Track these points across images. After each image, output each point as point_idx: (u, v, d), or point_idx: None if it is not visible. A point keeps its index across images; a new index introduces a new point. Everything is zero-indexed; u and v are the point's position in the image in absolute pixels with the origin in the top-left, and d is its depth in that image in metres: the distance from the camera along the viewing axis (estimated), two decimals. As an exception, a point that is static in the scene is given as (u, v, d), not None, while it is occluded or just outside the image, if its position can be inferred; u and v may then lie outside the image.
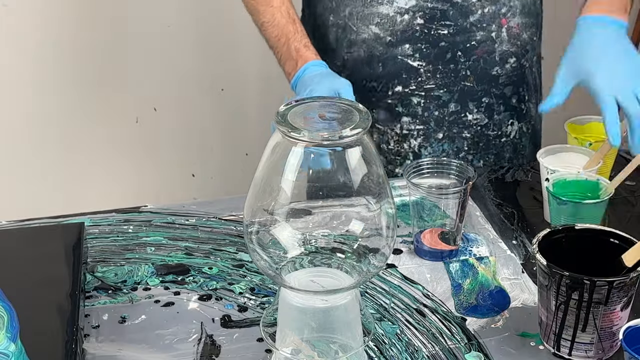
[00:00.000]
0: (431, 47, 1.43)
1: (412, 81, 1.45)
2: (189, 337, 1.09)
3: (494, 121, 1.49)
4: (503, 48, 1.45)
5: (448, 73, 1.45)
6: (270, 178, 0.91)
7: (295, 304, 0.92)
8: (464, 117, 1.48)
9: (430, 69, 1.44)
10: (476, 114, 1.48)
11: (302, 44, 1.36)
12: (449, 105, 1.47)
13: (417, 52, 1.43)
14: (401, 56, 1.44)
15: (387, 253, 0.93)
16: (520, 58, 1.48)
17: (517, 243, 1.28)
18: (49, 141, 2.39)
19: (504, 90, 1.48)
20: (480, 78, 1.46)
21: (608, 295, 0.97)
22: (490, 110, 1.49)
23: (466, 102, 1.47)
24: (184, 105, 2.48)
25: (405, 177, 1.22)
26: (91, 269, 1.23)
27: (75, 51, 2.30)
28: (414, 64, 1.44)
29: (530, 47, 1.49)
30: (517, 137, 1.53)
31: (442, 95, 1.46)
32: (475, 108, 1.48)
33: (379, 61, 1.45)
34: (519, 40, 1.46)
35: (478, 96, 1.47)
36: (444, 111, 1.47)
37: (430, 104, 1.46)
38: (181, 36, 2.38)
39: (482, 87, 1.46)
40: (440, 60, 1.44)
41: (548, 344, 1.05)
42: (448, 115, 1.47)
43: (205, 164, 2.58)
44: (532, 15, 1.47)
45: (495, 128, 1.50)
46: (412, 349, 1.06)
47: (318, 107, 0.93)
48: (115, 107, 2.41)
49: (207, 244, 1.29)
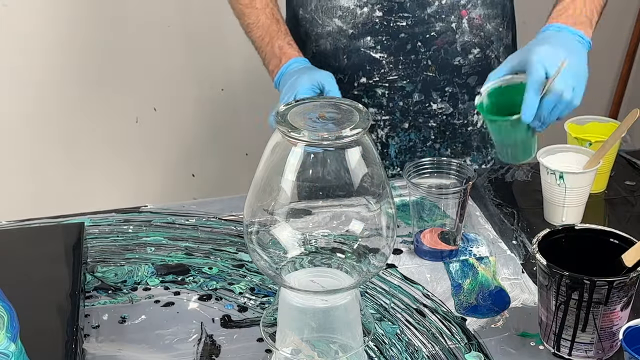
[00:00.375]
0: (391, 39, 1.45)
1: (375, 73, 1.47)
2: (189, 337, 1.09)
3: (459, 110, 1.51)
4: (465, 39, 1.46)
5: (410, 64, 1.46)
6: (270, 178, 0.91)
7: (295, 304, 0.92)
8: (429, 107, 1.50)
9: (392, 60, 1.46)
10: (440, 104, 1.50)
11: (286, 42, 1.41)
12: (413, 95, 1.48)
13: (379, 44, 1.45)
14: (364, 48, 1.46)
15: (387, 253, 0.93)
16: (485, 49, 1.48)
17: (517, 243, 1.28)
18: (49, 141, 2.39)
19: (467, 80, 1.49)
20: (442, 68, 1.47)
21: (608, 295, 0.97)
22: (455, 100, 1.50)
23: (429, 92, 1.49)
24: (184, 105, 2.48)
25: (405, 177, 1.22)
26: (91, 269, 1.23)
27: (75, 51, 2.31)
28: (376, 55, 1.46)
29: (495, 37, 1.49)
30: (484, 126, 1.53)
31: (405, 86, 1.48)
32: (439, 97, 1.49)
33: (344, 53, 1.48)
34: (482, 32, 1.47)
35: (441, 86, 1.48)
36: (409, 101, 1.49)
37: (395, 95, 1.49)
38: (181, 36, 2.38)
39: (444, 76, 1.48)
40: (401, 51, 1.46)
41: (548, 344, 1.05)
42: (412, 105, 1.50)
43: (205, 164, 2.58)
44: (496, 6, 1.47)
45: (460, 117, 1.52)
46: (412, 349, 1.06)
47: (318, 107, 0.93)
48: (115, 107, 2.41)
49: (207, 244, 1.29)
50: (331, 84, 1.29)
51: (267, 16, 1.43)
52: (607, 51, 2.80)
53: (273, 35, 1.41)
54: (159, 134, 2.49)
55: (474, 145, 1.54)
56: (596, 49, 2.57)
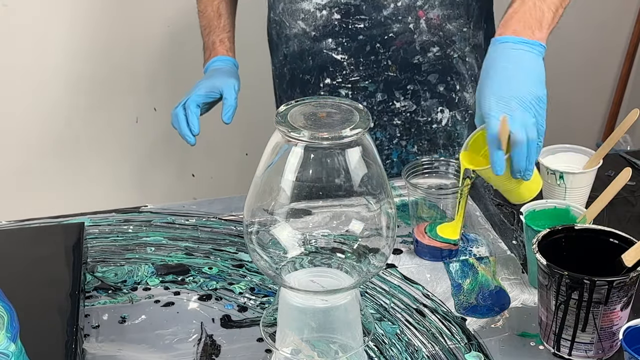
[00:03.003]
0: (351, 41, 1.46)
1: (337, 74, 1.49)
2: (189, 337, 1.09)
3: (422, 107, 1.51)
4: (423, 38, 1.45)
5: (370, 64, 1.47)
6: (270, 178, 0.91)
7: (295, 304, 0.92)
8: (392, 106, 1.51)
9: (352, 61, 1.47)
10: (403, 102, 1.50)
11: (219, 38, 1.54)
12: (376, 95, 1.49)
13: (339, 46, 1.47)
14: (326, 50, 1.48)
15: (387, 253, 0.93)
16: (445, 48, 1.47)
17: (517, 243, 1.28)
18: (48, 141, 2.39)
19: (428, 77, 1.49)
20: (402, 67, 1.47)
21: (608, 295, 0.97)
22: (417, 97, 1.50)
23: (392, 91, 1.49)
24: (184, 105, 2.48)
25: (404, 177, 1.23)
26: (91, 269, 1.23)
27: (75, 51, 2.31)
28: (338, 57, 1.47)
29: (458, 37, 1.48)
30: (449, 124, 1.53)
31: (368, 86, 1.49)
32: (401, 96, 1.50)
33: (309, 55, 1.50)
34: (441, 31, 1.46)
35: (403, 84, 1.49)
36: (372, 101, 1.50)
37: (358, 95, 1.50)
38: (181, 36, 2.38)
39: (405, 75, 1.48)
40: (361, 52, 1.46)
41: (548, 344, 1.05)
42: (376, 104, 1.50)
43: (205, 164, 2.58)
44: (458, 7, 1.46)
45: (424, 114, 1.52)
46: (412, 349, 1.06)
47: (318, 107, 0.93)
48: (115, 107, 2.41)
49: (207, 244, 1.29)
50: (229, 93, 1.43)
51: (212, 9, 1.56)
52: (607, 51, 2.80)
53: (212, 29, 1.55)
54: (159, 134, 2.49)
55: (440, 142, 1.54)
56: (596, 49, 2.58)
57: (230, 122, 1.45)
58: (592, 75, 2.84)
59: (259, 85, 2.24)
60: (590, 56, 2.77)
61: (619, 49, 2.82)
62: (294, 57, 1.52)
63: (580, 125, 2.88)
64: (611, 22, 2.76)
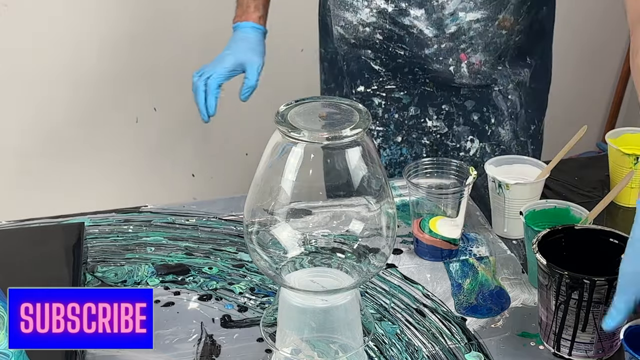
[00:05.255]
0: (390, 60, 1.45)
1: (373, 81, 1.48)
2: (189, 337, 1.09)
3: (453, 132, 1.49)
4: (463, 81, 1.44)
5: (407, 80, 1.46)
6: (270, 178, 0.91)
7: (295, 304, 0.92)
8: (424, 123, 1.49)
9: (390, 74, 1.47)
10: (436, 121, 1.48)
11: (254, 3, 1.50)
12: (409, 108, 1.48)
13: (378, 59, 1.46)
14: (364, 57, 1.46)
15: (387, 253, 0.93)
16: (490, 83, 1.45)
17: (517, 243, 1.28)
18: (48, 141, 2.39)
19: (464, 103, 1.47)
20: (440, 86, 1.46)
21: (608, 295, 0.97)
22: (450, 120, 1.48)
23: (426, 107, 1.47)
24: (184, 105, 2.48)
25: (405, 177, 1.22)
26: (91, 269, 1.23)
27: (75, 51, 2.31)
28: (375, 67, 1.46)
29: (498, 74, 1.44)
30: (477, 155, 1.50)
31: (402, 98, 1.47)
32: (435, 114, 1.48)
33: (344, 60, 1.49)
34: (479, 74, 1.44)
35: (438, 102, 1.47)
36: (404, 114, 1.48)
37: (391, 106, 1.48)
38: (181, 36, 2.38)
39: (442, 93, 1.46)
40: (399, 71, 1.46)
41: (548, 344, 1.05)
42: (408, 119, 1.49)
43: (205, 164, 2.58)
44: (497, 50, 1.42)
45: (454, 139, 1.49)
46: (412, 349, 1.06)
47: (318, 107, 0.93)
48: (115, 107, 2.41)
49: (207, 244, 1.29)
50: (252, 73, 1.43)
51: None
52: (607, 51, 2.80)
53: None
54: (159, 134, 2.49)
55: None
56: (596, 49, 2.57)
57: (246, 100, 1.44)
58: (592, 75, 2.84)
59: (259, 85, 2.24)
60: (590, 56, 2.78)
61: (619, 49, 2.82)
62: (333, 55, 1.51)
63: (580, 125, 2.88)
64: (611, 22, 2.76)
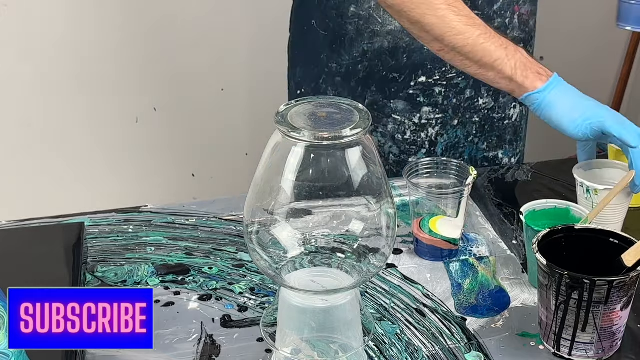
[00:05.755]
0: None
1: (436, 71, 1.48)
2: (189, 337, 1.09)
3: (499, 104, 1.52)
4: (514, 34, 1.47)
5: None
6: (270, 178, 0.91)
7: (295, 304, 0.92)
8: (477, 102, 1.51)
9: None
10: (486, 98, 1.51)
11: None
12: (465, 91, 1.50)
13: None
14: (427, 47, 1.41)
15: (387, 253, 0.93)
16: (527, 44, 1.50)
17: (517, 243, 1.28)
18: (48, 141, 2.39)
19: None
20: None
21: (608, 295, 0.97)
22: (497, 93, 1.52)
23: (479, 87, 1.50)
24: (184, 105, 2.48)
25: (405, 177, 1.22)
26: (91, 269, 1.23)
27: (75, 51, 2.31)
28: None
29: (534, 34, 1.52)
30: (517, 120, 1.56)
31: (460, 83, 1.49)
32: (486, 92, 1.51)
33: (404, 52, 1.48)
34: (527, 27, 1.49)
35: None
36: (461, 98, 1.51)
37: (450, 92, 1.50)
38: (181, 36, 2.38)
39: None
40: None
41: (548, 344, 1.05)
42: (464, 101, 1.51)
43: (205, 164, 2.58)
44: (536, 3, 1.50)
45: (500, 111, 1.53)
46: (412, 349, 1.06)
47: (318, 107, 0.93)
48: (115, 107, 2.41)
49: (207, 244, 1.29)
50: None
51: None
52: (607, 51, 2.80)
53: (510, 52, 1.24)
54: (159, 134, 2.49)
55: (507, 138, 1.56)
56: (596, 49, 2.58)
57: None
58: (592, 75, 2.84)
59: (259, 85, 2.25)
60: (590, 56, 2.77)
61: (619, 49, 2.82)
62: (379, 53, 1.48)
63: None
64: (611, 22, 2.76)
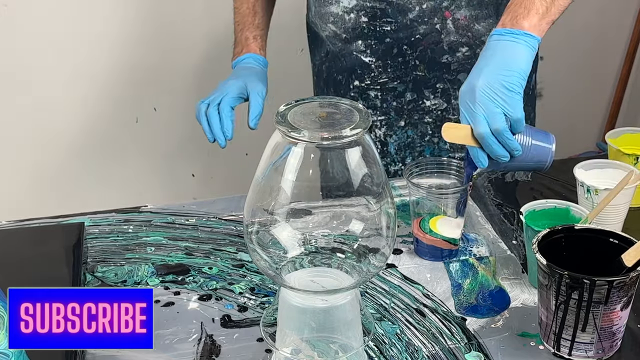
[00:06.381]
0: (379, 43, 1.47)
1: (366, 76, 1.50)
2: (189, 337, 1.09)
3: (453, 105, 1.52)
4: (451, 38, 1.46)
5: (398, 66, 1.48)
6: (270, 178, 0.91)
7: (295, 304, 0.93)
8: (422, 104, 1.51)
9: (380, 64, 1.49)
10: (433, 100, 1.51)
11: (253, 35, 1.53)
12: (405, 95, 1.50)
13: (368, 48, 1.48)
14: (355, 52, 1.49)
15: (387, 253, 0.93)
16: (475, 48, 1.48)
17: (517, 243, 1.28)
18: (49, 141, 2.39)
19: (457, 77, 1.49)
20: (430, 66, 1.48)
21: (608, 295, 0.97)
22: (447, 95, 1.51)
23: (421, 90, 1.50)
24: (184, 105, 2.48)
25: (405, 177, 1.23)
26: (91, 269, 1.23)
27: (75, 51, 2.30)
28: (366, 59, 1.48)
29: (487, 33, 1.46)
30: None
31: (397, 87, 1.50)
32: (431, 95, 1.51)
33: (340, 56, 1.51)
34: (469, 32, 1.46)
35: (432, 83, 1.50)
36: (402, 101, 1.51)
37: (387, 96, 1.51)
38: (181, 36, 2.38)
39: (434, 74, 1.49)
40: (389, 55, 1.48)
41: (548, 344, 1.05)
42: (406, 104, 1.52)
43: (205, 164, 2.58)
44: (486, 6, 1.46)
45: (455, 112, 1.52)
46: (412, 349, 1.06)
47: (318, 107, 0.93)
48: (115, 107, 2.41)
49: (207, 244, 1.29)
50: (256, 99, 1.41)
51: (247, 6, 1.55)
52: (607, 51, 2.80)
53: (246, 25, 1.54)
54: (159, 134, 2.49)
55: None
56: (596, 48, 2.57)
57: (255, 127, 1.43)
58: (592, 75, 2.84)
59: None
60: (590, 56, 2.78)
61: (619, 49, 2.82)
62: (330, 57, 1.53)
63: (581, 125, 2.88)
64: (611, 22, 2.76)
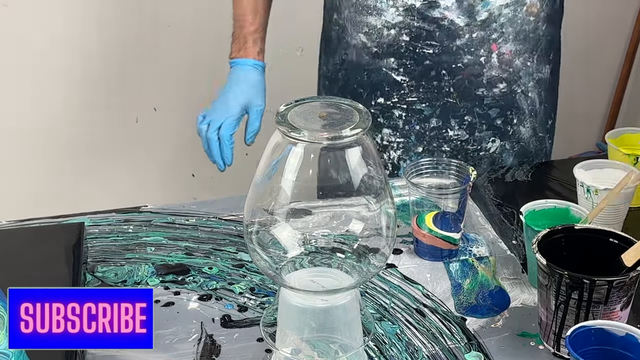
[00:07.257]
0: (415, 64, 1.43)
1: (394, 94, 1.45)
2: (189, 337, 1.09)
3: (475, 138, 1.48)
4: (492, 73, 1.43)
5: (431, 89, 1.44)
6: (270, 178, 0.91)
7: (295, 304, 0.93)
8: (445, 133, 1.47)
9: (413, 84, 1.44)
10: (457, 130, 1.47)
11: (253, 38, 1.50)
12: (431, 120, 1.46)
13: (402, 67, 1.43)
14: (385, 68, 1.44)
15: (387, 253, 0.93)
16: (512, 84, 1.45)
17: (517, 243, 1.28)
18: (49, 141, 2.39)
19: (488, 112, 1.46)
20: (463, 96, 1.44)
21: (608, 295, 0.97)
22: (472, 128, 1.47)
23: (448, 118, 1.46)
24: (184, 105, 2.48)
25: (405, 177, 1.22)
26: (91, 269, 1.23)
27: (75, 51, 2.31)
28: (398, 78, 1.44)
29: (524, 72, 1.46)
30: (497, 152, 1.51)
31: (424, 110, 1.46)
32: (457, 125, 1.47)
33: (364, 70, 1.46)
34: (510, 67, 1.44)
35: (461, 113, 1.46)
36: (425, 126, 1.47)
37: (412, 118, 1.46)
38: (181, 36, 2.38)
39: (464, 104, 1.45)
40: (424, 77, 1.43)
41: (548, 344, 1.05)
42: (429, 130, 1.47)
43: (205, 164, 2.56)
44: (529, 41, 1.44)
45: (475, 144, 1.49)
46: (412, 349, 1.06)
47: (318, 107, 0.93)
48: (115, 107, 2.41)
49: (207, 244, 1.29)
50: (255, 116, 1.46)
51: (249, 1, 1.51)
52: (607, 51, 2.80)
53: (246, 23, 1.50)
54: (159, 134, 2.49)
55: (483, 167, 1.51)
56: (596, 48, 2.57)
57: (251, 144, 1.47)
58: (592, 75, 2.84)
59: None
60: (590, 56, 2.77)
61: (619, 49, 2.82)
62: (351, 65, 1.48)
63: (581, 125, 2.88)
64: (611, 22, 2.76)
